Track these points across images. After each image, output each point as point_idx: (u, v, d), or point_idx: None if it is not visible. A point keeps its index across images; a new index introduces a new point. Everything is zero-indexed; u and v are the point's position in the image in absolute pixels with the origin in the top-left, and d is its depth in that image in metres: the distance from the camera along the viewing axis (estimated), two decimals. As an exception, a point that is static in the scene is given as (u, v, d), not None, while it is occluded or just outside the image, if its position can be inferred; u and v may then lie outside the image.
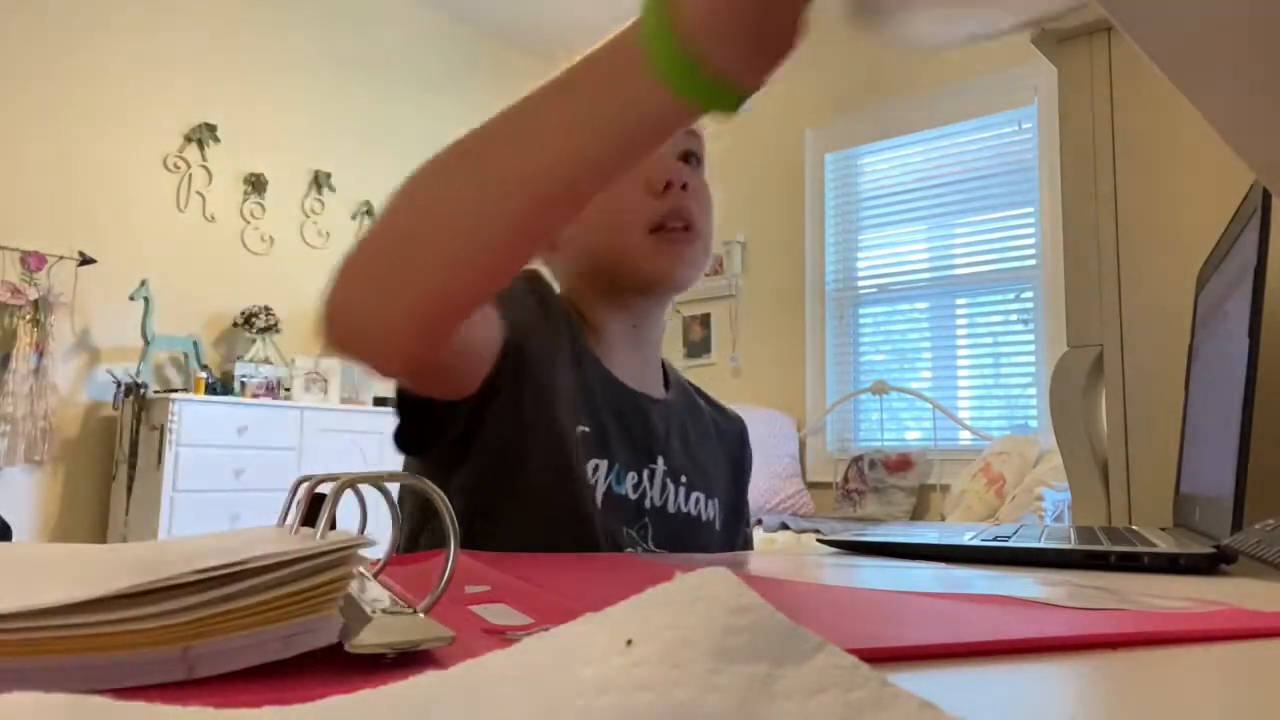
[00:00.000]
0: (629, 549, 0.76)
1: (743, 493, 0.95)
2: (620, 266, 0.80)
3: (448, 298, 0.53)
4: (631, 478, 0.79)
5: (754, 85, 0.44)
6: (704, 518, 0.84)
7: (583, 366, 0.79)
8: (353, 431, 3.78)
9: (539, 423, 0.73)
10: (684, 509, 0.82)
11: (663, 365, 0.91)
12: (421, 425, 0.69)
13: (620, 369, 0.82)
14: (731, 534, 0.90)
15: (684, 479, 0.83)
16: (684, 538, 0.80)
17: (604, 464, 0.76)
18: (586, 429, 0.76)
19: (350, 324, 0.55)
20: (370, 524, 0.40)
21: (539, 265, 0.86)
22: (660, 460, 0.82)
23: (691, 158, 0.82)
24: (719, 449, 0.92)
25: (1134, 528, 0.91)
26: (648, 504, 0.79)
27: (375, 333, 0.54)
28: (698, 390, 0.96)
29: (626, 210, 0.78)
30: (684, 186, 0.78)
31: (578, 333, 0.80)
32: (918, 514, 3.84)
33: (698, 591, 0.19)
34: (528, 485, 0.73)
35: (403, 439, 0.70)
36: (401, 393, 0.67)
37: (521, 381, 0.71)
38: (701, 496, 0.84)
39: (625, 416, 0.80)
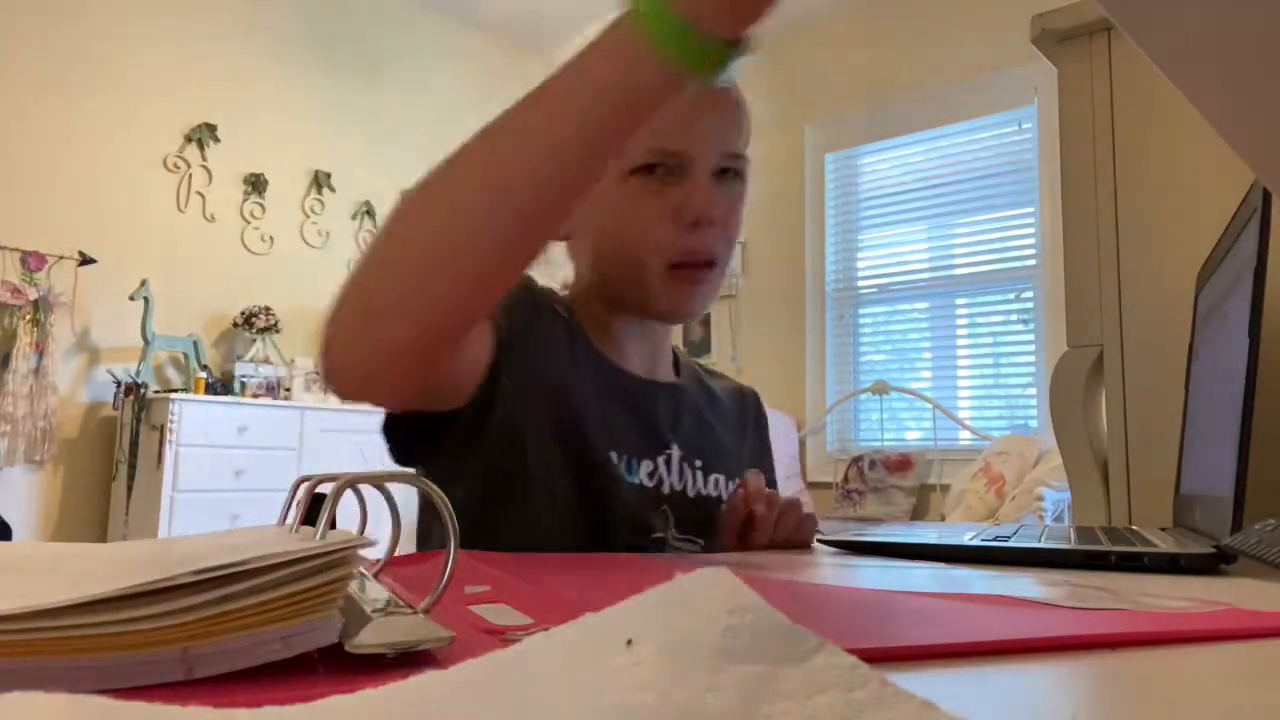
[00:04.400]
0: (657, 534, 0.76)
1: (766, 455, 0.96)
2: (632, 295, 0.78)
3: (448, 316, 0.52)
4: (646, 465, 0.77)
5: (731, 35, 0.46)
6: (725, 498, 0.82)
7: (581, 362, 0.77)
8: (353, 431, 3.77)
9: (545, 418, 0.73)
10: (704, 492, 0.81)
11: (674, 352, 0.89)
12: (413, 437, 0.69)
13: (628, 359, 0.81)
14: None
15: (699, 463, 0.82)
16: (708, 523, 0.79)
17: (613, 454, 0.75)
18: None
19: (349, 372, 0.54)
20: (370, 524, 0.40)
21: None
22: (674, 446, 0.80)
23: (730, 174, 0.77)
24: (737, 428, 0.92)
25: (1134, 528, 0.91)
26: (666, 489, 0.78)
27: (374, 374, 0.54)
28: (707, 371, 0.96)
29: (649, 241, 0.74)
30: (712, 222, 0.74)
31: (575, 331, 0.79)
32: (918, 514, 3.84)
33: (698, 591, 0.19)
34: (543, 476, 0.73)
35: (397, 452, 0.70)
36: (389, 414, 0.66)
37: (520, 379, 0.70)
38: (721, 478, 0.83)
39: (632, 406, 0.79)
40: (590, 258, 0.81)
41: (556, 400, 0.74)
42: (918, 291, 4.20)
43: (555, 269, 0.86)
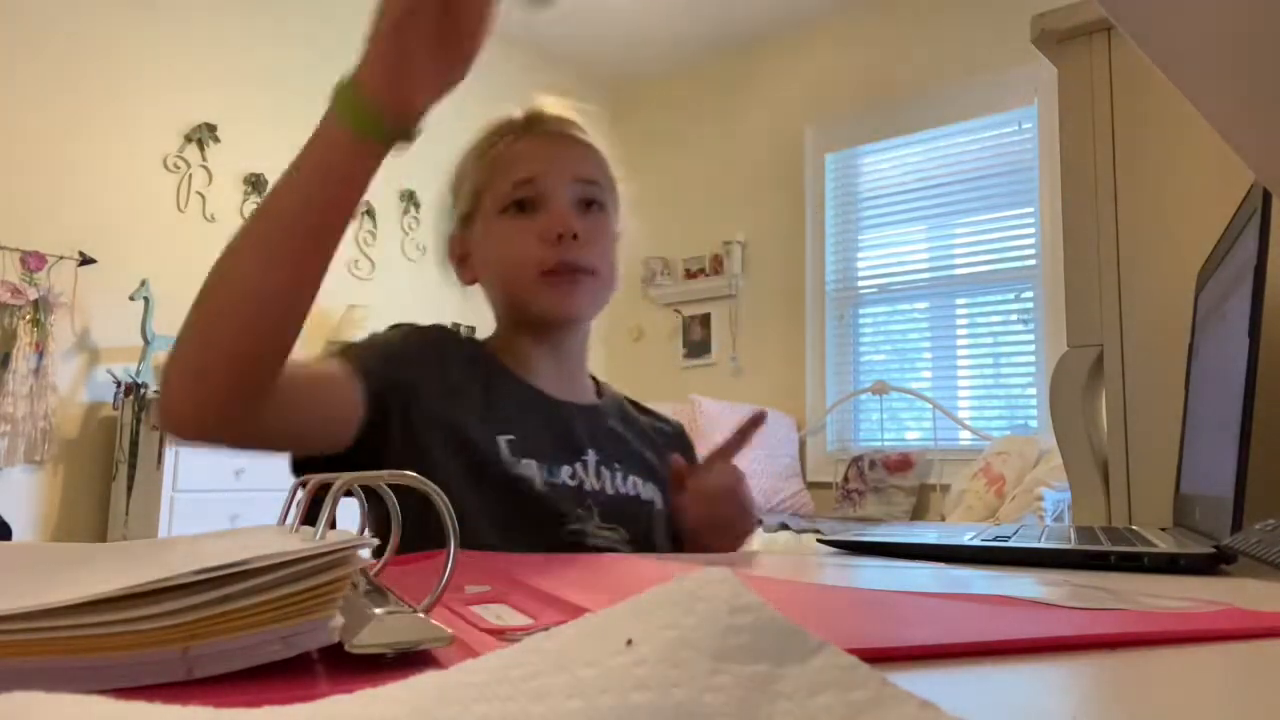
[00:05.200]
0: (576, 525, 0.83)
1: None
2: (518, 304, 0.90)
3: (250, 359, 0.65)
4: (566, 470, 0.86)
5: (411, 115, 0.65)
6: (644, 497, 0.91)
7: (494, 387, 0.88)
8: (353, 431, 3.77)
9: (447, 441, 0.81)
10: (622, 490, 0.89)
11: (595, 381, 1.00)
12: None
13: (545, 383, 0.91)
14: None
15: (618, 465, 0.91)
16: (627, 516, 0.88)
17: (534, 462, 0.84)
18: (511, 437, 0.84)
19: (181, 412, 0.66)
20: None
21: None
22: (590, 452, 0.89)
23: (594, 205, 0.90)
24: (657, 451, 0.97)
25: (1134, 528, 0.91)
26: (588, 488, 0.87)
27: (203, 412, 0.66)
28: (633, 403, 1.04)
29: (523, 259, 0.87)
30: (575, 236, 0.86)
31: (489, 361, 0.90)
32: (918, 514, 3.84)
33: (698, 592, 0.19)
34: (459, 495, 0.79)
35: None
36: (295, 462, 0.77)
37: (408, 413, 0.80)
38: (638, 480, 0.91)
39: (548, 421, 0.88)
40: (491, 290, 0.94)
41: (454, 418, 0.83)
42: (918, 291, 4.20)
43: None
